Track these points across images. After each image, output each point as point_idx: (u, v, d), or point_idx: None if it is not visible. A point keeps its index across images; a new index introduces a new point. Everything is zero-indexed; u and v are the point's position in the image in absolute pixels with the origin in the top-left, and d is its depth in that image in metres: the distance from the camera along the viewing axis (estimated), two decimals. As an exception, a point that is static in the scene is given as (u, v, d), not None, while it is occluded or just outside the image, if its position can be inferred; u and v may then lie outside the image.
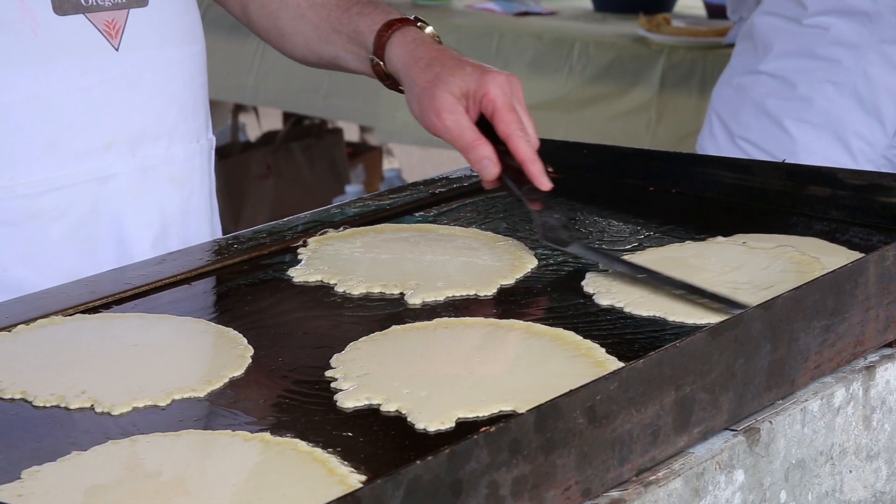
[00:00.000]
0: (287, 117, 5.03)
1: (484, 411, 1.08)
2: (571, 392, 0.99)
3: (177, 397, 1.13)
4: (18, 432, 1.08)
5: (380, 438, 1.06)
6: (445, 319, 1.28)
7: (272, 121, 5.50)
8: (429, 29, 1.53)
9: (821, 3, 2.40)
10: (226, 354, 1.21)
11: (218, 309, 1.37)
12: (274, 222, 1.55)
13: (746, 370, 1.12)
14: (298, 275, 1.41)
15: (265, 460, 1.02)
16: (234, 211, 4.59)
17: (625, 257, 1.42)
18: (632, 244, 1.48)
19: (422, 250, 1.46)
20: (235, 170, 4.66)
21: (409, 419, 1.08)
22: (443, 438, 1.05)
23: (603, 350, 1.19)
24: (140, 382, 1.15)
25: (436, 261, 1.43)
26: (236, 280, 1.41)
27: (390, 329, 1.26)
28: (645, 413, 1.04)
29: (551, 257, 1.45)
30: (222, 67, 4.08)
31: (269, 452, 1.03)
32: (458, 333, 1.25)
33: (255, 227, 1.53)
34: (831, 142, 2.37)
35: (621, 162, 1.64)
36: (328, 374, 1.17)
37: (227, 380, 1.16)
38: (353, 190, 4.89)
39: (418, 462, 0.88)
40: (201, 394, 1.14)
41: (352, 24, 1.56)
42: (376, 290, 1.36)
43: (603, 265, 1.39)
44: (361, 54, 1.56)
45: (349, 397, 1.12)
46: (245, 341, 1.24)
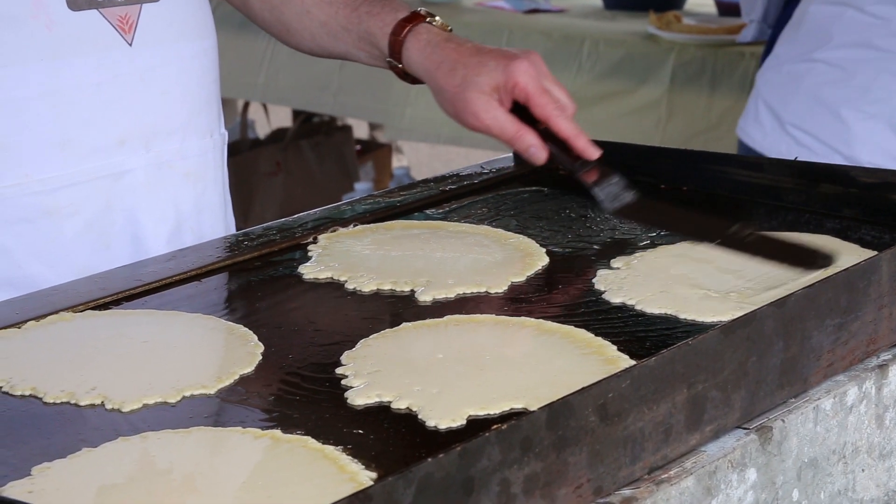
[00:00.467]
0: (296, 115, 5.03)
1: (495, 409, 1.08)
2: (583, 390, 0.99)
3: (187, 394, 1.13)
4: (29, 429, 1.08)
5: (390, 436, 1.06)
6: (456, 317, 1.27)
7: (281, 118, 5.50)
8: (437, 20, 1.55)
9: None
10: (236, 351, 1.21)
11: (228, 306, 1.37)
12: (284, 219, 1.55)
13: (759, 368, 1.12)
14: (309, 272, 1.40)
15: (275, 457, 1.02)
16: (242, 208, 4.59)
17: (636, 255, 1.42)
18: (644, 242, 1.47)
19: (432, 247, 1.46)
20: (244, 167, 4.65)
21: (419, 416, 1.08)
22: (454, 436, 1.05)
23: (614, 348, 1.19)
24: (150, 379, 1.15)
25: (446, 258, 1.43)
26: (247, 277, 1.41)
27: (401, 326, 1.25)
28: (657, 411, 1.04)
29: (562, 254, 1.45)
30: (232, 65, 4.07)
31: (279, 449, 1.03)
32: (469, 331, 1.24)
33: (265, 224, 1.53)
34: (886, 131, 2.39)
35: (632, 159, 1.64)
36: (339, 371, 1.16)
37: (237, 377, 1.16)
38: (363, 187, 4.89)
39: (430, 460, 0.88)
40: (211, 391, 1.14)
41: (362, 25, 1.57)
42: (387, 287, 1.36)
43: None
44: (374, 53, 1.57)
45: (360, 394, 1.11)
46: (255, 338, 1.23)
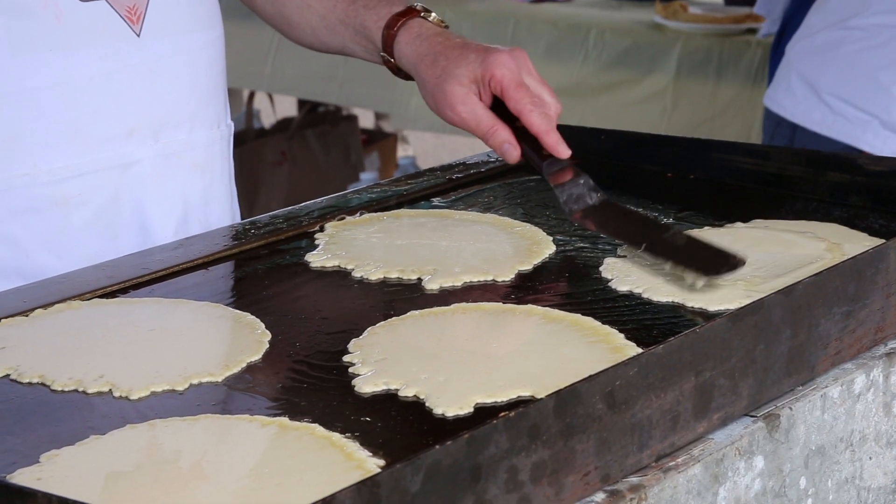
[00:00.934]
0: (302, 104, 5.03)
1: (502, 396, 1.08)
2: (591, 377, 0.99)
3: (194, 382, 1.13)
4: (37, 416, 1.08)
5: (398, 423, 1.06)
6: (463, 305, 1.27)
7: (287, 108, 5.50)
8: (433, 16, 1.54)
9: None
10: (243, 339, 1.21)
11: (235, 294, 1.37)
12: (291, 207, 1.55)
13: (766, 356, 1.12)
14: (316, 260, 1.40)
15: (283, 445, 1.02)
16: (248, 198, 4.58)
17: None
18: (650, 230, 1.47)
19: (439, 236, 1.46)
20: (250, 157, 4.65)
21: (427, 404, 1.08)
22: (461, 424, 1.05)
23: (621, 336, 1.19)
24: (158, 367, 1.15)
25: (453, 246, 1.43)
26: (254, 265, 1.41)
27: (408, 314, 1.25)
28: (664, 399, 1.04)
29: (569, 243, 1.44)
30: (238, 55, 4.07)
31: (286, 437, 1.03)
32: (476, 319, 1.24)
33: (272, 213, 1.53)
34: None
35: (639, 147, 1.63)
36: (346, 358, 1.16)
37: (244, 364, 1.16)
38: (368, 177, 4.89)
39: (438, 447, 0.88)
40: (219, 378, 1.14)
41: (358, 19, 1.57)
42: (394, 275, 1.36)
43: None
44: (370, 47, 1.57)
45: (367, 382, 1.11)
46: (262, 326, 1.23)
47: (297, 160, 4.78)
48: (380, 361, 1.15)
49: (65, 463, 0.99)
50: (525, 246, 1.43)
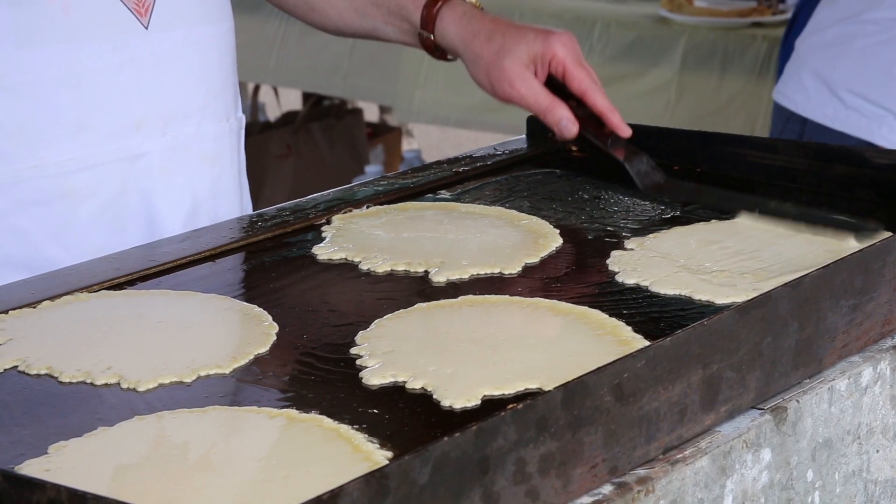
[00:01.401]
0: (307, 98, 5.03)
1: (509, 389, 1.08)
2: (599, 370, 0.99)
3: (202, 374, 1.13)
4: (45, 408, 1.08)
5: (405, 415, 1.06)
6: (470, 297, 1.27)
7: (292, 101, 5.50)
8: None
9: None
10: (251, 331, 1.21)
11: (243, 286, 1.37)
12: (298, 200, 1.55)
13: (774, 349, 1.12)
14: (323, 252, 1.40)
15: (290, 437, 1.02)
16: (253, 191, 4.56)
17: (650, 236, 1.42)
18: (658, 223, 1.47)
19: (446, 228, 1.46)
20: (255, 150, 4.63)
21: (434, 396, 1.08)
22: (468, 416, 1.05)
23: (629, 328, 1.19)
24: (165, 359, 1.15)
25: (460, 239, 1.43)
26: (261, 257, 1.41)
27: (415, 307, 1.25)
28: (672, 391, 1.04)
29: (576, 235, 1.45)
30: (243, 48, 4.05)
31: (294, 429, 1.03)
32: (483, 311, 1.24)
33: (278, 205, 1.53)
34: None
35: (646, 140, 1.63)
36: (353, 351, 1.17)
37: (252, 356, 1.16)
38: (373, 171, 4.88)
39: (446, 439, 0.88)
40: (226, 370, 1.14)
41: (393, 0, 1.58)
42: (401, 267, 1.36)
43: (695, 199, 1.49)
44: (404, 27, 1.59)
45: (375, 374, 1.12)
46: (270, 318, 1.23)
47: (302, 153, 4.78)
48: (387, 354, 1.15)
49: (73, 454, 1.00)
50: (532, 239, 1.43)
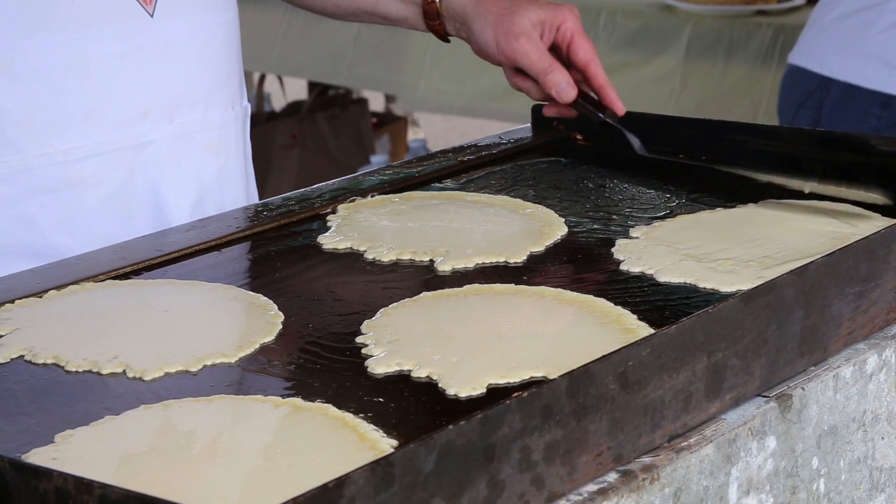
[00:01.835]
0: (312, 87, 5.03)
1: (515, 377, 1.08)
2: (603, 358, 0.99)
3: (208, 363, 1.13)
4: (51, 397, 1.08)
5: (411, 404, 1.06)
6: (475, 286, 1.28)
7: (297, 91, 5.50)
8: None
9: None
10: (256, 320, 1.21)
11: (248, 275, 1.37)
12: (303, 189, 1.55)
13: (779, 336, 1.12)
14: (328, 242, 1.41)
15: (296, 425, 1.02)
16: (258, 181, 4.57)
17: (655, 224, 1.42)
18: (663, 211, 1.47)
19: (451, 217, 1.46)
20: (260, 140, 4.64)
21: (439, 385, 1.08)
22: (474, 404, 1.05)
23: (634, 317, 1.19)
24: (171, 348, 1.15)
25: (465, 228, 1.43)
26: (266, 247, 1.41)
27: (420, 295, 1.26)
28: (677, 379, 1.04)
29: (581, 224, 1.45)
30: (248, 37, 4.05)
31: (299, 418, 1.03)
32: (489, 300, 1.24)
33: (284, 195, 1.53)
34: None
35: (651, 128, 1.63)
36: (359, 340, 1.17)
37: (257, 346, 1.17)
38: (378, 160, 4.88)
39: (451, 427, 0.88)
40: (232, 359, 1.14)
41: None
42: (406, 256, 1.36)
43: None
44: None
45: (380, 363, 1.12)
46: (276, 307, 1.24)
47: (307, 143, 4.78)
48: (392, 342, 1.15)
49: (79, 443, 1.00)
50: (537, 227, 1.43)
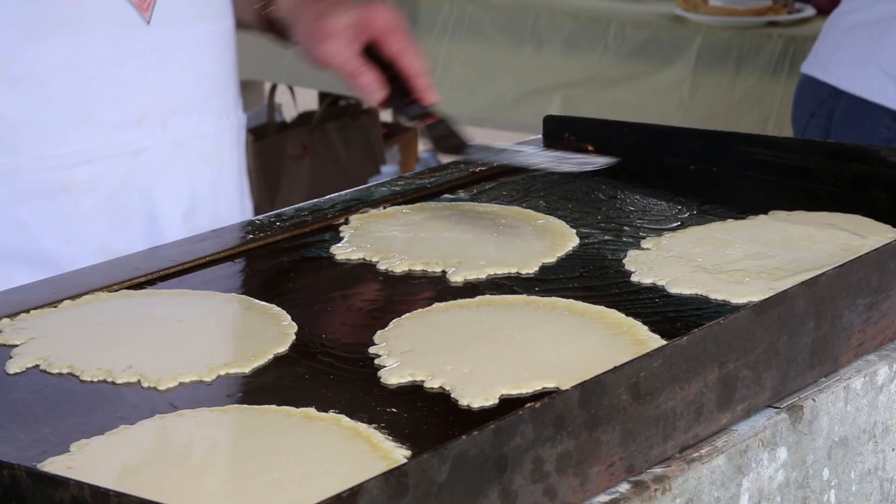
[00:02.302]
0: (323, 98, 5.04)
1: (527, 388, 1.09)
2: (616, 369, 0.99)
3: (222, 373, 1.14)
4: (66, 406, 1.09)
5: (424, 414, 1.07)
6: (488, 297, 1.28)
7: (308, 101, 5.50)
8: None
9: None
10: (269, 331, 1.22)
11: (262, 286, 1.38)
12: (316, 200, 1.56)
13: (790, 348, 1.12)
14: (340, 252, 1.41)
15: (309, 435, 1.03)
16: (269, 191, 4.59)
17: (666, 235, 1.43)
18: (674, 223, 1.48)
19: (463, 228, 1.46)
20: (271, 150, 4.65)
21: (452, 395, 1.08)
22: (486, 415, 1.05)
23: (645, 328, 1.19)
24: (185, 358, 1.16)
25: (477, 239, 1.43)
26: (279, 257, 1.42)
27: (433, 306, 1.26)
28: (688, 390, 1.04)
29: (592, 235, 1.45)
30: (256, 47, 4.07)
31: (312, 428, 1.04)
32: (501, 311, 1.25)
33: (296, 205, 1.54)
34: None
35: (662, 140, 1.64)
36: (371, 350, 1.17)
37: (270, 356, 1.17)
38: (389, 171, 4.88)
39: (464, 437, 0.89)
40: (246, 369, 1.15)
41: None
42: (418, 267, 1.36)
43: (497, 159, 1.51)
44: (255, 5, 1.61)
45: (393, 374, 1.12)
46: (289, 318, 1.24)
47: (318, 153, 4.78)
48: (405, 353, 1.15)
49: (95, 452, 1.00)
50: (549, 238, 1.43)
